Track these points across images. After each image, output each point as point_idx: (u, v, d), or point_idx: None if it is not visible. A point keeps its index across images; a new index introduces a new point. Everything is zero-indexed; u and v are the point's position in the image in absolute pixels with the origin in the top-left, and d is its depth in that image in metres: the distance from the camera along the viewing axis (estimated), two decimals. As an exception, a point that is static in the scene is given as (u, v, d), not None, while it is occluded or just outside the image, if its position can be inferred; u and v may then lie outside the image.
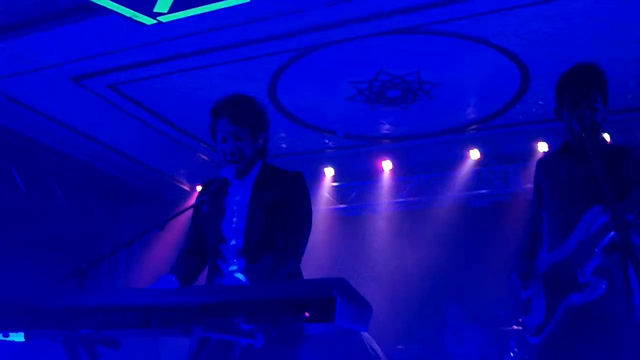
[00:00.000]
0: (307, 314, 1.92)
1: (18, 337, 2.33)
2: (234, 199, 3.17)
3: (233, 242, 3.08)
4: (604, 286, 2.89)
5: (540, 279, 3.21)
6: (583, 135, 2.91)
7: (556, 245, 3.18)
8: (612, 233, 2.77)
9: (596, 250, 2.91)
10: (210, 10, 4.70)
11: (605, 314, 2.94)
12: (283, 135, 7.64)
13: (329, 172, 8.53)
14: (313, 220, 3.22)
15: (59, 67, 6.03)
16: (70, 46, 5.67)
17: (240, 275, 2.94)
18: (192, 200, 3.21)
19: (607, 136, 6.94)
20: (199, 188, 8.61)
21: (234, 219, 3.12)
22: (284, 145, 7.94)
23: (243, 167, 3.15)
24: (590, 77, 3.19)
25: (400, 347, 7.40)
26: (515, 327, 6.33)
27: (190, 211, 3.30)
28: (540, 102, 6.80)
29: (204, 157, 8.28)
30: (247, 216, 3.09)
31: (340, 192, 8.97)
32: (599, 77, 3.20)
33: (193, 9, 4.59)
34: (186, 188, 9.25)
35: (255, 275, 2.90)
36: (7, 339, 2.36)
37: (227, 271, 3.07)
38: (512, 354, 6.37)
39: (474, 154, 7.93)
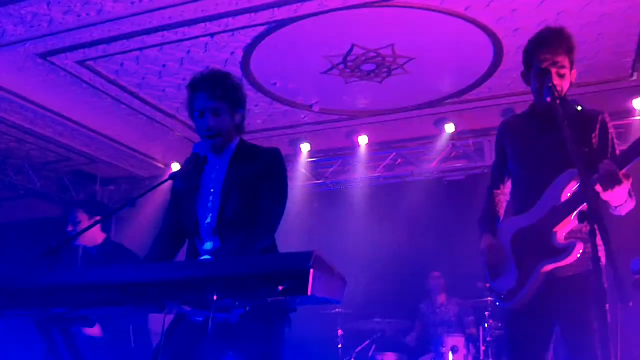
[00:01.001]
0: (280, 287, 1.92)
1: (-12, 316, 2.30)
2: (210, 176, 3.15)
3: (207, 220, 3.06)
4: (579, 250, 2.91)
5: (508, 243, 3.21)
6: (552, 106, 2.91)
7: (524, 209, 3.18)
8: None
9: (571, 216, 2.93)
10: (180, -17, 4.62)
11: (578, 277, 2.97)
12: (257, 110, 7.58)
13: (305, 147, 8.50)
14: (290, 196, 3.20)
15: (25, 42, 5.91)
16: (36, 21, 5.55)
17: (207, 257, 2.92)
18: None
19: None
20: (175, 166, 8.64)
21: (210, 197, 3.10)
22: (258, 121, 7.89)
23: (220, 142, 3.12)
24: (559, 42, 3.19)
25: (377, 320, 7.46)
26: (490, 298, 6.40)
27: (169, 192, 3.28)
28: (514, 75, 6.81)
29: (178, 133, 8.21)
30: (220, 193, 3.07)
31: (316, 167, 8.97)
32: (567, 41, 3.20)
33: (162, -18, 4.50)
34: (160, 165, 9.17)
35: (225, 254, 2.88)
36: (-21, 319, 2.33)
37: (203, 250, 3.05)
38: (486, 325, 6.45)
39: (449, 128, 7.95)
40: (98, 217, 4.97)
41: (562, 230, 2.98)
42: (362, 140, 8.32)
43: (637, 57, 6.52)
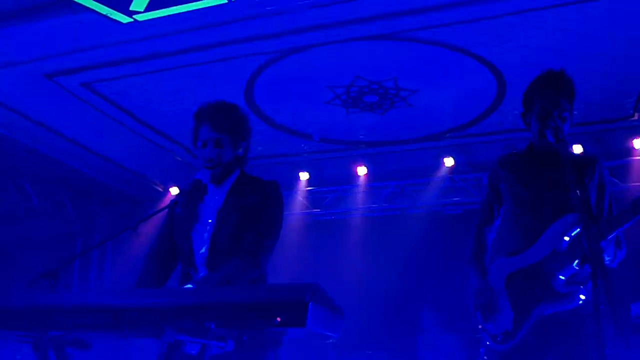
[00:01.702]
0: (278, 319, 1.91)
1: (-15, 338, 2.29)
2: (208, 206, 3.14)
3: (202, 250, 3.07)
4: (582, 297, 2.91)
5: (502, 284, 3.19)
6: (557, 148, 2.92)
7: (520, 249, 3.16)
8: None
9: (574, 262, 2.93)
10: (187, 10, 4.67)
11: (577, 319, 2.96)
12: (258, 137, 7.61)
13: (304, 176, 8.51)
14: (287, 224, 3.21)
15: (32, 63, 5.95)
16: (44, 42, 5.60)
17: (189, 286, 2.91)
18: (166, 202, 3.19)
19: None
20: (174, 190, 8.64)
21: (207, 228, 3.10)
22: (259, 148, 7.91)
23: (220, 173, 3.12)
24: (559, 86, 3.21)
25: (369, 352, 7.40)
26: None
27: (165, 214, 3.28)
28: (515, 112, 6.84)
29: (178, 158, 8.23)
30: (215, 223, 3.07)
31: (315, 197, 8.96)
32: (568, 85, 3.22)
33: (169, 9, 4.56)
34: (160, 189, 9.17)
35: (209, 283, 2.86)
36: (-25, 340, 2.32)
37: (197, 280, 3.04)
38: (481, 362, 6.39)
39: (449, 162, 7.98)
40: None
41: (562, 275, 2.97)
42: (362, 171, 8.33)
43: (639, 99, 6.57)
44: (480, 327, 3.28)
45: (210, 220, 3.10)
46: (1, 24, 5.29)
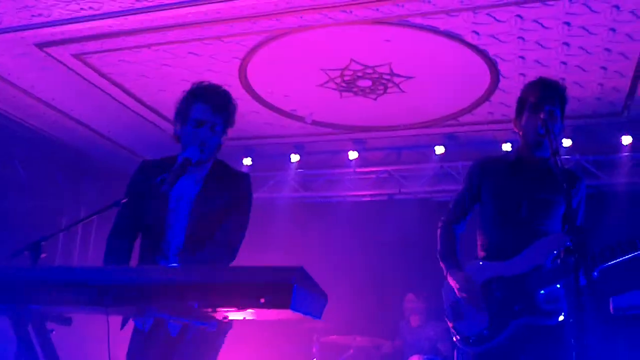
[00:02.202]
0: (262, 300, 1.91)
1: (-37, 309, 2.27)
2: (182, 188, 3.11)
3: (175, 239, 3.06)
4: (565, 315, 2.97)
5: (478, 287, 3.21)
6: (547, 139, 2.94)
7: (501, 257, 3.19)
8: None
9: (559, 283, 2.99)
10: (185, -15, 4.62)
11: (556, 334, 3.01)
12: (251, 117, 7.58)
13: (295, 158, 8.50)
14: (276, 206, 3.27)
15: (23, 31, 5.86)
16: (36, 11, 5.52)
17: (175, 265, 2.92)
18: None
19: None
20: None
21: (183, 218, 3.08)
22: (251, 128, 7.88)
23: (205, 158, 3.12)
24: (553, 87, 3.27)
25: (355, 336, 7.44)
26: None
27: (132, 187, 3.26)
28: (507, 103, 6.85)
29: (169, 135, 8.16)
30: (189, 216, 3.07)
31: (305, 179, 8.96)
32: (560, 89, 3.28)
33: (167, -17, 4.50)
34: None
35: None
36: (-47, 311, 2.30)
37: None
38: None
39: (439, 149, 7.99)
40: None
41: (546, 292, 3.03)
42: (353, 155, 8.33)
43: (630, 95, 6.59)
44: (450, 325, 3.29)
45: (182, 210, 3.09)
46: (-7, -8, 5.23)
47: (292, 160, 8.52)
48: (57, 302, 2.21)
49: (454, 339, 3.28)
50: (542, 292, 3.04)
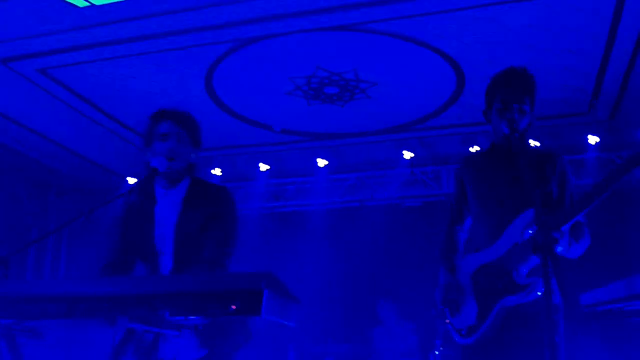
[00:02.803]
0: (233, 307, 1.90)
1: None
2: (163, 213, 3.14)
3: (168, 264, 3.08)
4: (541, 287, 2.94)
5: (468, 279, 3.24)
6: (511, 138, 2.97)
7: (484, 246, 3.21)
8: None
9: (532, 253, 2.97)
10: (147, -4, 4.61)
11: (536, 313, 3.01)
12: (218, 127, 7.56)
13: (264, 167, 8.49)
14: (248, 216, 3.27)
15: (-15, 47, 5.81)
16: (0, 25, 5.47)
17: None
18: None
19: (534, 142, 7.21)
20: (131, 180, 8.54)
21: (166, 242, 3.10)
22: (219, 139, 7.86)
23: (174, 174, 3.11)
24: (521, 81, 3.24)
25: (328, 343, 7.44)
26: (442, 325, 6.42)
27: (120, 219, 3.25)
28: (474, 105, 6.93)
29: (135, 146, 8.12)
30: (175, 237, 3.09)
31: (275, 188, 8.95)
32: (529, 81, 3.25)
33: (129, -6, 4.49)
34: (118, 178, 9.04)
35: None
36: None
37: None
38: (437, 352, 6.47)
39: (408, 154, 8.04)
40: None
41: (523, 268, 3.03)
42: (322, 162, 8.34)
43: (594, 95, 6.70)
44: (447, 321, 3.31)
45: (167, 229, 3.10)
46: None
47: (262, 169, 8.50)
48: (27, 316, 2.18)
49: (453, 335, 3.29)
50: (520, 268, 3.04)
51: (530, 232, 3.01)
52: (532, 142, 6.77)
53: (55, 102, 7.00)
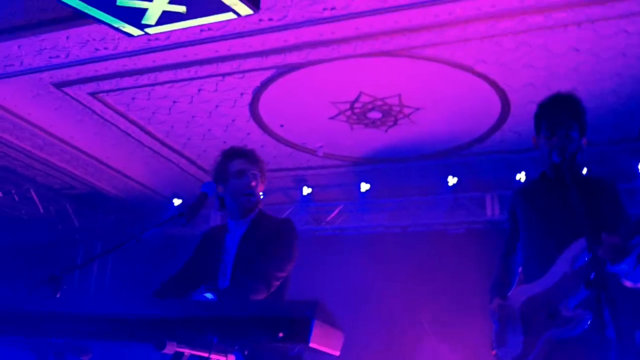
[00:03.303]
0: (281, 334, 1.92)
1: (-14, 343, 2.30)
2: (231, 242, 3.35)
3: (224, 283, 3.24)
4: (588, 321, 2.89)
5: (517, 311, 3.18)
6: (562, 167, 2.95)
7: (534, 277, 3.16)
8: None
9: (582, 285, 2.90)
10: (197, 24, 4.72)
11: (584, 349, 2.94)
12: (262, 151, 7.63)
13: (307, 190, 8.53)
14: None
15: (41, 72, 6.01)
16: (53, 52, 5.65)
17: (209, 295, 2.96)
18: (169, 212, 3.27)
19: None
20: (176, 201, 8.66)
21: (227, 264, 3.28)
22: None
23: (253, 204, 3.35)
24: (568, 106, 3.22)
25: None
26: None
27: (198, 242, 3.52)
28: (519, 131, 6.88)
29: (183, 169, 8.26)
30: (234, 258, 3.26)
31: (317, 212, 8.96)
32: (576, 106, 3.23)
33: (180, 23, 4.60)
34: (164, 200, 9.19)
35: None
36: (-25, 345, 2.33)
37: None
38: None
39: (452, 180, 7.98)
40: None
41: (572, 300, 2.97)
42: (364, 187, 8.34)
43: (644, 119, 6.57)
44: (493, 353, 3.27)
45: (231, 262, 3.28)
46: (12, 35, 5.36)
47: (304, 193, 8.55)
48: (78, 335, 2.24)
49: None
50: (568, 300, 2.97)
51: (578, 263, 2.96)
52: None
53: (105, 125, 7.18)
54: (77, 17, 4.93)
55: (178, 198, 8.80)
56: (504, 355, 3.17)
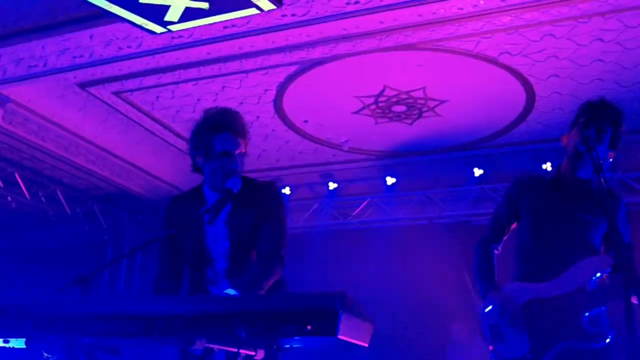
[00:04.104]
0: (309, 327, 1.91)
1: (19, 343, 2.32)
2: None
3: (220, 265, 3.10)
4: (612, 338, 2.89)
5: (517, 309, 3.14)
6: (587, 155, 2.91)
7: (541, 277, 3.14)
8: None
9: (602, 304, 2.92)
10: (220, 20, 4.72)
11: (603, 357, 2.94)
12: (287, 147, 7.64)
13: (332, 185, 8.52)
14: (315, 234, 3.28)
15: (65, 72, 6.04)
16: (77, 52, 5.69)
17: (231, 291, 2.93)
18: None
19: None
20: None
21: (218, 243, 3.12)
22: (288, 158, 7.94)
23: (231, 188, 3.12)
24: (611, 113, 3.24)
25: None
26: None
27: (167, 228, 3.26)
28: (544, 122, 6.80)
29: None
30: (229, 238, 3.11)
31: (343, 206, 8.96)
32: (618, 117, 3.24)
33: (203, 19, 4.60)
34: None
35: (245, 286, 2.89)
36: (8, 345, 2.35)
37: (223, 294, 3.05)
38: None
39: (478, 172, 7.93)
40: None
41: (591, 314, 2.96)
42: (390, 180, 8.32)
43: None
44: (490, 347, 3.23)
45: (220, 232, 3.12)
46: (35, 35, 5.41)
47: (330, 188, 8.54)
48: (107, 334, 2.25)
49: None
50: (587, 314, 2.97)
51: (596, 279, 2.96)
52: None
53: (130, 124, 7.23)
54: (100, 16, 4.96)
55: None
56: (505, 352, 3.13)
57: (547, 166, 7.47)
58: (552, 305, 3.05)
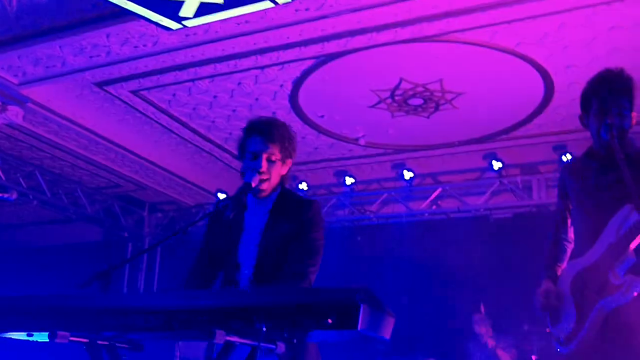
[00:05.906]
0: (330, 320, 1.90)
1: (42, 337, 2.34)
2: (252, 221, 3.17)
3: (246, 270, 3.10)
4: (638, 286, 2.84)
5: (568, 286, 3.16)
6: (611, 143, 2.89)
7: (584, 250, 3.13)
8: None
9: (628, 250, 2.87)
10: (235, 15, 4.73)
11: (635, 314, 2.89)
12: (304, 142, 7.64)
13: (350, 180, 8.51)
14: (332, 229, 3.26)
15: (82, 72, 6.09)
16: (94, 51, 5.73)
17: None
18: (214, 206, 3.22)
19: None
20: (221, 196, 8.74)
21: (252, 248, 3.12)
22: (305, 154, 7.94)
23: (266, 187, 3.12)
24: (619, 84, 3.14)
25: (417, 357, 7.34)
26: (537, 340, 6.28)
27: (207, 226, 3.31)
28: (563, 113, 6.73)
29: (226, 164, 8.31)
30: (259, 245, 3.10)
31: (360, 201, 8.95)
32: (627, 82, 3.15)
33: (218, 14, 4.61)
34: (207, 194, 9.29)
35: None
36: (31, 339, 2.38)
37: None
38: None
39: (497, 164, 7.86)
40: None
41: (620, 268, 2.92)
42: (408, 174, 8.28)
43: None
44: (548, 330, 3.24)
45: (253, 239, 3.12)
46: (53, 36, 5.45)
47: (347, 183, 8.52)
48: (128, 329, 2.25)
49: (555, 345, 3.22)
50: (615, 268, 2.92)
51: (625, 229, 2.92)
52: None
53: (148, 122, 7.27)
54: (116, 16, 4.99)
55: (222, 192, 8.87)
56: (558, 332, 3.15)
57: (567, 157, 7.38)
58: (590, 272, 3.04)
